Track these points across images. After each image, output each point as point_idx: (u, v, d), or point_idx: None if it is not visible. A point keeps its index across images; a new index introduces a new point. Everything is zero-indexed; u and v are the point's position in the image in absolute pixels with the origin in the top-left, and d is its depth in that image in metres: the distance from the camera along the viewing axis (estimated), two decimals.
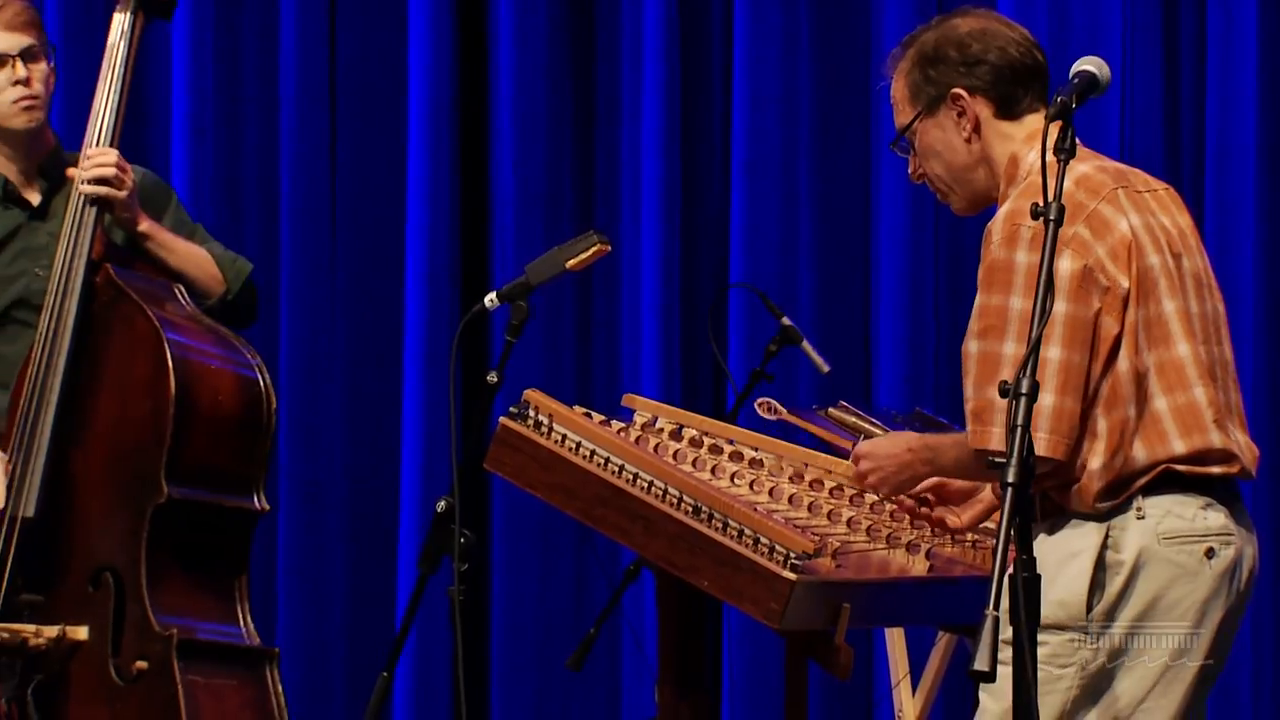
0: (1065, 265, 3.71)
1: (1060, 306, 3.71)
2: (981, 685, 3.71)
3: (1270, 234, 6.19)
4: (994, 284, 3.78)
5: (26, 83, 4.90)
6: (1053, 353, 3.73)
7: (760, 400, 4.53)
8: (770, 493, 4.10)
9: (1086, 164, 3.70)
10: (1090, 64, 3.69)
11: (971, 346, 3.79)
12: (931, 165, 4.01)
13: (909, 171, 4.06)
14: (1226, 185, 6.20)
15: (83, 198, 4.87)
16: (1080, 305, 3.75)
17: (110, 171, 4.86)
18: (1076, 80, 3.67)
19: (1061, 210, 3.54)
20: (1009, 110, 3.95)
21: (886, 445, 4.03)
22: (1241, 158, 6.17)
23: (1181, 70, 6.30)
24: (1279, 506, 6.08)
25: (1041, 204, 3.55)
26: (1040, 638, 3.51)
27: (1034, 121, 3.94)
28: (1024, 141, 3.93)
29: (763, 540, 3.80)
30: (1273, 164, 6.20)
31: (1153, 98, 6.28)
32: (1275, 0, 6.22)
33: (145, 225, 4.94)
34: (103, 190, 4.86)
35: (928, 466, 3.97)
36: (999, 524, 3.36)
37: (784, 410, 4.48)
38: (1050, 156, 3.59)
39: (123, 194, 4.88)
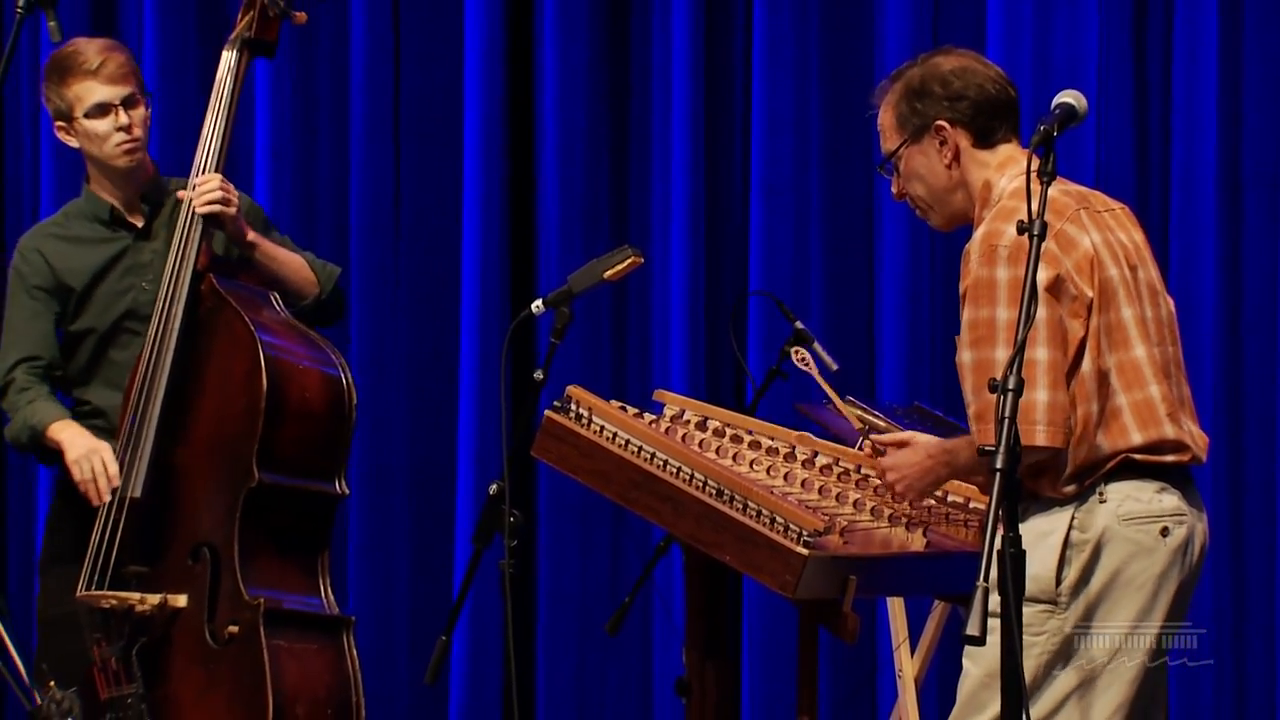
0: (1040, 275, 3.68)
1: (1041, 312, 3.71)
2: (965, 650, 3.75)
3: (1227, 249, 6.17)
4: (979, 299, 3.79)
5: (128, 129, 4.95)
6: (1040, 353, 3.74)
7: (796, 349, 4.55)
8: (785, 477, 4.12)
9: (1053, 188, 3.68)
10: (1070, 96, 3.72)
11: (965, 357, 3.80)
12: (914, 187, 4.01)
13: (892, 191, 4.05)
14: (1190, 205, 6.18)
15: (193, 215, 4.90)
16: (1055, 309, 3.76)
17: (221, 194, 4.91)
18: (1058, 110, 3.70)
19: (1045, 226, 3.55)
20: (985, 140, 3.97)
21: (909, 455, 3.96)
22: (1203, 181, 6.16)
23: (1150, 103, 6.27)
24: (1235, 491, 5.98)
25: (1025, 221, 3.55)
26: None
27: (1007, 150, 3.96)
28: (997, 169, 3.94)
29: (778, 519, 3.81)
30: (1231, 186, 6.18)
31: (1124, 127, 6.26)
32: (1234, 41, 6.18)
33: (252, 236, 4.99)
34: (217, 208, 4.90)
35: (947, 469, 3.93)
36: (988, 505, 3.38)
37: (814, 365, 4.56)
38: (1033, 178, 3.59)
39: (233, 210, 4.93)
